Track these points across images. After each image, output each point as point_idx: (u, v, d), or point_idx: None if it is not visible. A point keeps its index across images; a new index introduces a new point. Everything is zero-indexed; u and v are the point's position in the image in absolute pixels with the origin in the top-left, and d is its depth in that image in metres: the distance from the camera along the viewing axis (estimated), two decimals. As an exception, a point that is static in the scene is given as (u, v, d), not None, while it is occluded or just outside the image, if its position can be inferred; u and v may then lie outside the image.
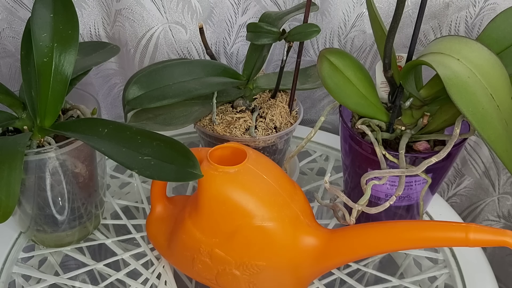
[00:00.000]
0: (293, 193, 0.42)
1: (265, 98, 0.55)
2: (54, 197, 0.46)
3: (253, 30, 0.49)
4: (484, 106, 0.37)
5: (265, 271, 0.41)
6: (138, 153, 0.39)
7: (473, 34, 0.61)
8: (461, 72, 0.37)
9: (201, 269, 0.43)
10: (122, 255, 0.51)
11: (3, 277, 0.48)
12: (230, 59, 0.69)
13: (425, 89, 0.44)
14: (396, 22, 0.38)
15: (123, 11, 0.62)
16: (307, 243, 0.41)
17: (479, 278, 0.48)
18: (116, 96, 0.73)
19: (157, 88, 0.48)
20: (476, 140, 0.67)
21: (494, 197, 0.69)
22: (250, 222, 0.39)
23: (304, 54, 0.68)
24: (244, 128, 0.51)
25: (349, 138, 0.47)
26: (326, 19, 0.64)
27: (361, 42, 0.65)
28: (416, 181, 0.46)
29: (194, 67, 0.50)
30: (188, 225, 0.42)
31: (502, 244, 0.34)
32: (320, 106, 0.75)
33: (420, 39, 0.63)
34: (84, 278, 0.56)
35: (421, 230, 0.38)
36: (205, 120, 0.53)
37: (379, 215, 0.46)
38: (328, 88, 0.44)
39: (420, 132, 0.46)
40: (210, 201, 0.40)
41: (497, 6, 0.58)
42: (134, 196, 0.62)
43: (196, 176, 0.38)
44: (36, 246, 0.52)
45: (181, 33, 0.65)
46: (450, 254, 0.51)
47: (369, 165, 0.46)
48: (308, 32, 0.46)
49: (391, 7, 0.61)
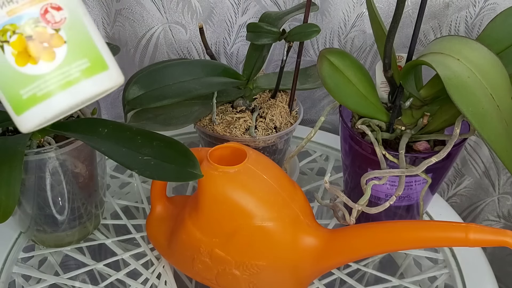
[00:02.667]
0: (293, 193, 0.42)
1: (265, 98, 0.55)
2: (54, 197, 0.46)
3: (253, 30, 0.49)
4: (484, 106, 0.37)
5: (265, 271, 0.41)
6: (138, 153, 0.39)
7: (473, 34, 0.61)
8: (461, 72, 0.37)
9: (201, 269, 0.43)
10: (122, 255, 0.51)
11: (3, 277, 0.48)
12: (230, 59, 0.69)
13: (425, 89, 0.44)
14: (396, 22, 0.38)
15: (123, 11, 0.62)
16: (307, 243, 0.41)
17: (479, 278, 0.48)
18: (116, 96, 0.73)
19: (157, 88, 0.48)
20: (476, 140, 0.67)
21: (494, 197, 0.69)
22: (250, 222, 0.39)
23: (304, 54, 0.68)
24: (244, 128, 0.51)
25: (349, 138, 0.47)
26: (326, 19, 0.64)
27: (361, 42, 0.65)
28: (416, 181, 0.46)
29: (194, 67, 0.50)
30: (188, 225, 0.42)
31: (502, 244, 0.34)
32: (320, 106, 0.75)
33: (420, 39, 0.63)
34: (84, 278, 0.56)
35: (421, 230, 0.38)
36: (205, 120, 0.53)
37: (379, 215, 0.46)
38: (328, 88, 0.44)
39: (420, 132, 0.46)
40: (210, 201, 0.40)
41: (497, 6, 0.58)
42: (134, 196, 0.62)
43: (196, 176, 0.38)
44: (36, 246, 0.52)
45: (181, 33, 0.65)
46: (450, 254, 0.51)
47: (369, 165, 0.46)
48: (308, 32, 0.46)
49: (391, 7, 0.61)
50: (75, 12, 0.26)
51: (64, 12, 0.25)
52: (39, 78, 0.25)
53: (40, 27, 0.25)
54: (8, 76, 0.25)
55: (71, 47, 0.25)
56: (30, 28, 0.25)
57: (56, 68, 0.25)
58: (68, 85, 0.25)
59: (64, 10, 0.25)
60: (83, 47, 0.26)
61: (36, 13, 0.25)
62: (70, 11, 0.26)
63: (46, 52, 0.25)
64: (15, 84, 0.25)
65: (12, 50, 0.25)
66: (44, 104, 0.25)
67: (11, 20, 0.24)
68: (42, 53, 0.25)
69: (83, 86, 0.26)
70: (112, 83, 0.28)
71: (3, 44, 0.25)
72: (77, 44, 0.26)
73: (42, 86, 0.25)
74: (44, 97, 0.25)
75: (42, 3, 0.25)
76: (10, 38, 0.24)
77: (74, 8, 0.26)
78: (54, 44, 0.25)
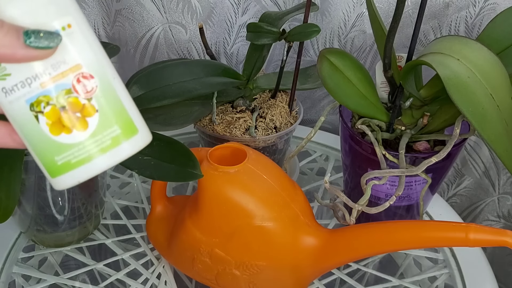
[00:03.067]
0: (293, 193, 0.42)
1: (265, 98, 0.55)
2: (54, 197, 0.46)
3: (253, 30, 0.49)
4: (484, 106, 0.37)
5: (265, 271, 0.41)
6: (138, 153, 0.39)
7: (473, 34, 0.61)
8: (461, 72, 0.37)
9: (201, 269, 0.43)
10: (122, 255, 0.51)
11: (3, 277, 0.48)
12: (230, 59, 0.69)
13: (425, 89, 0.44)
14: (396, 22, 0.38)
15: (123, 11, 0.62)
16: (307, 243, 0.41)
17: (479, 278, 0.48)
18: (116, 96, 0.73)
19: (157, 88, 0.48)
20: (476, 140, 0.67)
21: (494, 197, 0.69)
22: (250, 222, 0.39)
23: (304, 54, 0.68)
24: (244, 128, 0.51)
25: (349, 138, 0.47)
26: (326, 19, 0.64)
27: (361, 42, 0.65)
28: (416, 181, 0.46)
29: (194, 67, 0.50)
30: (188, 225, 0.42)
31: (502, 244, 0.34)
32: (320, 106, 0.75)
33: (420, 39, 0.63)
34: (84, 278, 0.56)
35: (421, 230, 0.38)
36: (205, 120, 0.53)
37: (379, 215, 0.46)
38: (328, 88, 0.44)
39: (420, 132, 0.46)
40: (210, 201, 0.40)
41: (497, 6, 0.58)
42: (134, 196, 0.62)
43: (196, 176, 0.38)
44: (36, 246, 0.52)
45: (181, 33, 0.65)
46: (450, 254, 0.51)
47: (369, 165, 0.46)
48: (308, 32, 0.46)
49: (391, 7, 0.61)
50: (106, 78, 0.26)
51: (96, 80, 0.26)
52: (72, 146, 0.26)
53: (72, 98, 0.25)
54: (43, 144, 0.26)
55: (102, 115, 0.26)
56: (63, 99, 0.25)
57: (89, 137, 0.26)
58: (101, 153, 0.26)
59: (95, 78, 0.26)
60: (114, 114, 0.27)
61: (69, 84, 0.25)
62: (101, 78, 0.26)
63: (79, 122, 0.26)
64: (49, 151, 0.26)
65: (46, 120, 0.25)
66: (77, 170, 0.26)
67: (44, 91, 0.25)
68: (75, 123, 0.26)
69: (113, 153, 0.27)
70: (141, 145, 0.29)
71: (38, 114, 0.25)
72: (108, 112, 0.26)
73: (76, 154, 0.26)
74: (77, 164, 0.26)
75: (75, 73, 0.25)
76: (44, 109, 0.25)
77: (105, 74, 0.26)
78: (86, 114, 0.26)
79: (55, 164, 0.26)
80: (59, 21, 0.25)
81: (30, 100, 0.25)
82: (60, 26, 0.25)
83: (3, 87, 0.25)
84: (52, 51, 0.24)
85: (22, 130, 0.26)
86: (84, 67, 0.25)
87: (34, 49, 0.24)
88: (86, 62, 0.26)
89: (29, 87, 0.25)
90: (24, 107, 0.25)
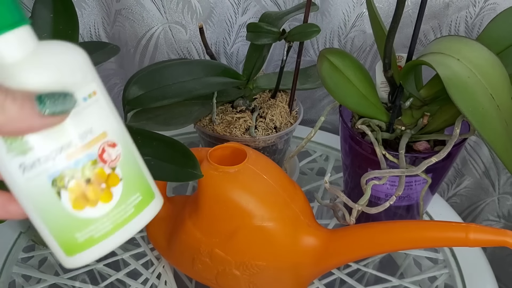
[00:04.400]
0: (293, 193, 0.42)
1: (265, 98, 0.55)
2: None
3: (253, 30, 0.49)
4: (484, 106, 0.37)
5: (265, 271, 0.41)
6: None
7: (473, 34, 0.61)
8: (461, 72, 0.37)
9: (201, 269, 0.43)
10: (122, 255, 0.51)
11: (3, 277, 0.48)
12: (230, 59, 0.69)
13: (425, 89, 0.44)
14: (396, 22, 0.38)
15: (123, 11, 0.62)
16: (307, 243, 0.41)
17: (479, 278, 0.48)
18: (116, 96, 0.73)
19: (157, 88, 0.48)
20: (476, 140, 0.67)
21: (494, 197, 0.69)
22: (250, 222, 0.39)
23: (304, 54, 0.68)
24: (244, 128, 0.51)
25: (349, 138, 0.47)
26: (326, 19, 0.64)
27: (361, 42, 0.65)
28: (416, 181, 0.46)
29: (194, 67, 0.50)
30: (188, 225, 0.42)
31: (502, 244, 0.34)
32: (320, 106, 0.75)
33: (420, 39, 0.63)
34: (84, 278, 0.56)
35: (421, 230, 0.38)
36: (205, 120, 0.53)
37: (379, 215, 0.46)
38: (328, 88, 0.44)
39: (420, 132, 0.46)
40: (210, 201, 0.40)
41: (497, 6, 0.58)
42: (134, 196, 0.62)
43: (196, 176, 0.38)
44: (36, 246, 0.52)
45: (181, 33, 0.65)
46: (450, 254, 0.51)
47: (369, 165, 0.46)
48: (308, 32, 0.46)
49: (391, 7, 0.61)
50: (127, 144, 0.25)
51: (119, 148, 0.24)
52: (97, 220, 0.24)
53: (98, 169, 0.23)
54: (62, 221, 0.23)
55: (126, 183, 0.25)
56: (89, 171, 0.23)
57: (114, 207, 0.24)
58: (124, 223, 0.25)
59: (118, 145, 0.24)
60: (136, 181, 0.25)
61: (94, 154, 0.23)
62: (123, 145, 0.25)
63: (104, 193, 0.24)
64: (70, 228, 0.24)
65: (69, 195, 0.23)
66: (99, 245, 0.24)
67: (69, 164, 0.23)
68: (100, 195, 0.24)
69: (137, 220, 0.25)
70: (157, 209, 0.27)
71: (60, 190, 0.23)
72: (131, 179, 0.25)
73: (100, 228, 0.24)
74: (102, 238, 0.24)
75: (100, 142, 0.23)
76: (68, 184, 0.23)
77: (125, 140, 0.25)
78: (111, 184, 0.24)
79: (75, 241, 0.24)
80: (86, 89, 0.23)
81: (53, 175, 0.22)
82: (87, 94, 0.23)
83: (21, 163, 0.22)
84: (68, 114, 0.22)
85: (36, 208, 0.23)
86: (109, 135, 0.24)
87: (51, 116, 0.21)
88: (110, 130, 0.24)
89: (53, 161, 0.22)
90: (45, 184, 0.23)
